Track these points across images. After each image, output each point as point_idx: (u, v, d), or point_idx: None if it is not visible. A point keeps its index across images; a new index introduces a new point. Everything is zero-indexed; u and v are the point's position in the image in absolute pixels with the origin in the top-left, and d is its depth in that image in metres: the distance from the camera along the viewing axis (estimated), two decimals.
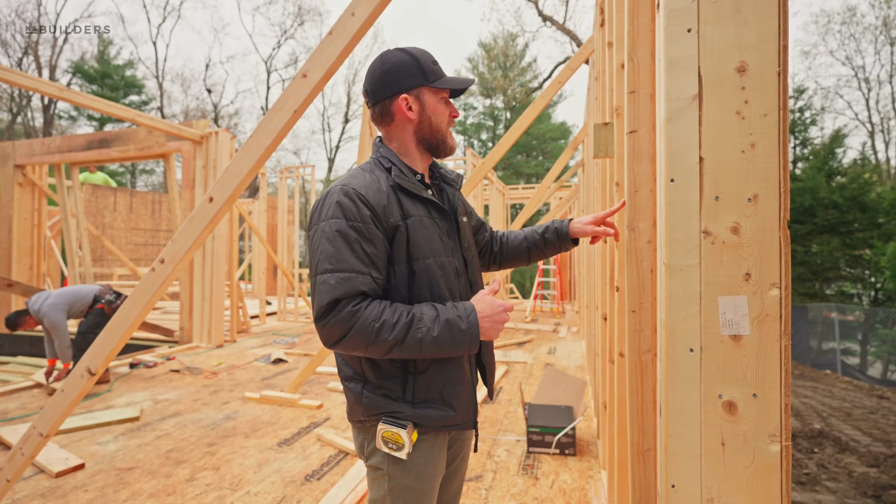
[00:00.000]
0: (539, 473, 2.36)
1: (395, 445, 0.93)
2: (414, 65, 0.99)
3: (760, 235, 0.74)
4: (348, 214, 0.90)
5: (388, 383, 0.95)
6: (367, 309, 0.87)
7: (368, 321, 0.85)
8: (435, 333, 0.87)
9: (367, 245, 0.90)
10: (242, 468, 2.43)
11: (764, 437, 0.74)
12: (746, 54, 0.75)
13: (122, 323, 1.51)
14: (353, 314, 0.86)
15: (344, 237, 0.89)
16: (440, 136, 1.03)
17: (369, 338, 0.86)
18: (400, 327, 0.86)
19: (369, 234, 0.90)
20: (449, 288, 0.97)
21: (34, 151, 6.51)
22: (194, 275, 5.60)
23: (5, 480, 1.74)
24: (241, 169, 1.35)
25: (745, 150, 0.75)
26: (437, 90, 1.01)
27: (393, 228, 0.93)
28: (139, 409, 3.27)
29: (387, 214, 0.92)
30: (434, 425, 0.96)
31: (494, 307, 0.92)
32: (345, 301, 0.87)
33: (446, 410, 0.96)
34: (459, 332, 0.88)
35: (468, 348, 0.90)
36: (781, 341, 0.73)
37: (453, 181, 1.11)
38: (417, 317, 0.88)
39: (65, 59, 22.40)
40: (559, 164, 4.82)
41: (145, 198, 11.68)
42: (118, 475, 2.36)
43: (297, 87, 1.29)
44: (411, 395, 0.95)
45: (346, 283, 0.87)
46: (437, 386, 0.96)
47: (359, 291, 0.88)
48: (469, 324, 0.89)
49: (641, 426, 1.11)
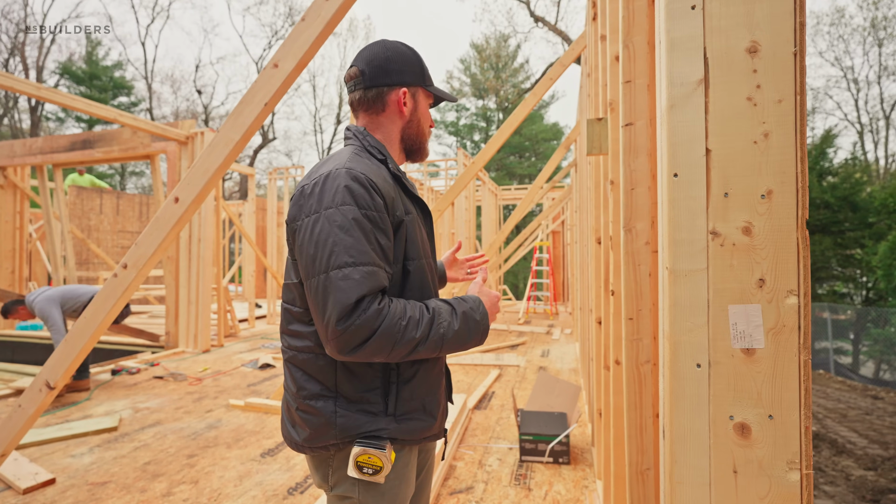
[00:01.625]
0: (532, 484, 2.27)
1: (373, 469, 0.83)
2: (416, 62, 0.97)
3: (775, 236, 0.66)
4: (361, 202, 0.80)
5: (368, 396, 0.85)
6: (392, 306, 0.79)
7: (395, 319, 0.78)
8: (456, 327, 0.84)
9: (382, 237, 0.82)
10: (222, 481, 2.32)
11: (781, 463, 0.65)
12: (758, 33, 0.67)
13: (83, 331, 1.40)
14: (380, 312, 0.77)
15: (361, 227, 0.79)
16: (421, 141, 1.00)
17: (396, 337, 0.78)
18: (425, 323, 0.81)
19: (383, 225, 0.83)
20: (434, 290, 0.96)
21: (15, 153, 6.33)
22: (180, 278, 5.46)
23: None
24: (208, 167, 1.25)
25: (758, 140, 0.67)
26: (428, 95, 1.00)
27: (398, 223, 0.87)
28: (118, 418, 3.14)
29: (394, 207, 0.86)
30: (416, 438, 0.88)
31: (492, 298, 0.94)
32: (369, 298, 0.77)
33: (428, 420, 0.90)
34: (475, 324, 0.87)
35: (481, 340, 0.89)
36: (801, 355, 0.65)
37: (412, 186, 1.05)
38: (437, 311, 0.84)
39: (52, 59, 22.08)
40: (551, 164, 4.75)
41: (132, 200, 11.46)
42: (90, 491, 2.23)
43: (268, 77, 1.19)
44: (394, 407, 0.86)
45: (371, 277, 0.78)
46: (420, 395, 0.89)
47: (381, 286, 0.79)
48: (482, 315, 0.88)
49: (640, 444, 1.02)
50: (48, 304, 3.66)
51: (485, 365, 4.81)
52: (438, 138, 24.58)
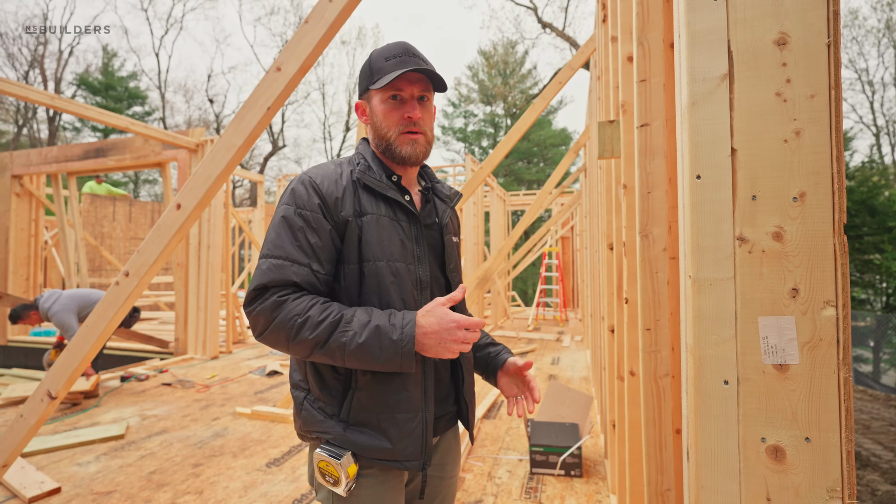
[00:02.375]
0: (543, 498, 2.20)
1: (332, 479, 0.83)
2: (366, 67, 0.92)
3: (810, 242, 0.61)
4: (299, 202, 0.85)
5: (327, 397, 0.87)
6: (294, 301, 0.80)
7: (292, 315, 0.78)
8: (361, 339, 0.77)
9: (312, 235, 0.83)
10: (227, 492, 2.28)
11: (821, 491, 0.59)
12: (787, 23, 0.62)
13: (85, 341, 1.38)
14: (279, 305, 0.79)
15: (288, 224, 0.84)
16: (385, 142, 0.92)
17: (290, 333, 0.78)
18: (324, 327, 0.78)
19: (315, 224, 0.84)
20: (402, 298, 0.86)
21: (31, 161, 6.45)
22: (189, 285, 5.49)
23: None
24: (210, 173, 1.23)
25: (789, 138, 0.62)
26: (384, 89, 0.90)
27: (343, 223, 0.85)
28: (125, 425, 3.13)
29: (338, 207, 0.85)
30: (366, 455, 0.85)
31: (444, 322, 0.79)
32: (273, 289, 0.81)
33: (379, 439, 0.84)
34: (389, 343, 0.77)
35: (400, 364, 0.78)
36: (840, 372, 0.59)
37: (447, 197, 1.01)
38: (347, 318, 0.79)
39: (70, 71, 22.62)
40: (560, 169, 4.70)
41: (144, 207, 11.62)
42: (95, 500, 2.21)
43: (271, 81, 1.17)
44: (346, 413, 0.85)
45: (276, 269, 0.81)
46: (375, 409, 0.85)
47: (289, 281, 0.81)
48: (403, 335, 0.78)
49: (660, 462, 0.96)
50: (66, 314, 3.67)
51: None
52: (446, 144, 24.65)
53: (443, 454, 0.99)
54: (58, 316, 3.65)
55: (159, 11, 32.18)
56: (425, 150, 0.93)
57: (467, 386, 0.96)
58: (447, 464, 1.00)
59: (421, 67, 0.87)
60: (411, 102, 0.90)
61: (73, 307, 3.74)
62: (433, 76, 0.89)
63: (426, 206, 0.97)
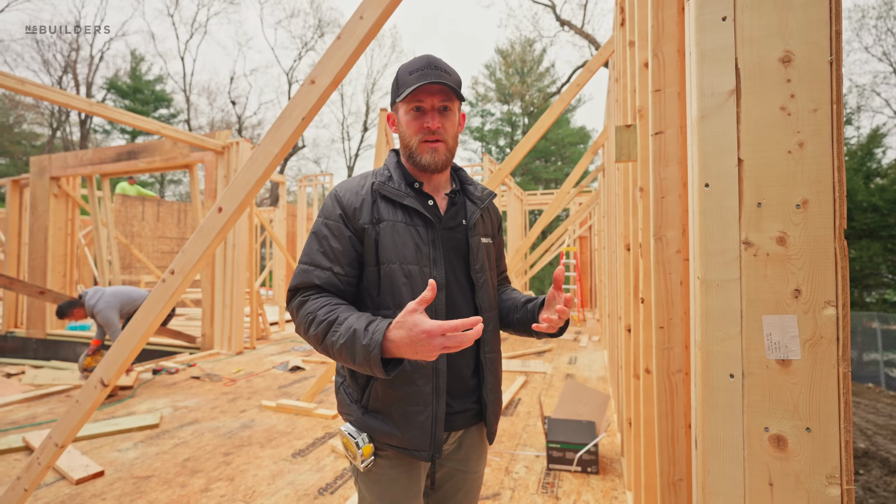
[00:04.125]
0: (560, 492, 2.25)
1: (351, 454, 0.95)
2: (394, 81, 0.99)
3: (812, 246, 0.65)
4: (326, 213, 0.97)
5: (354, 384, 0.98)
6: (312, 301, 0.91)
7: (307, 313, 0.90)
8: (342, 341, 0.83)
9: (334, 241, 0.94)
10: (256, 479, 2.40)
11: (820, 477, 0.64)
12: (792, 42, 0.67)
13: (134, 333, 1.49)
14: (302, 304, 0.92)
15: (317, 234, 0.97)
16: (408, 151, 0.98)
17: (305, 328, 0.90)
18: (323, 326, 0.87)
19: (337, 232, 0.95)
20: (414, 297, 0.90)
21: (68, 164, 6.77)
22: (216, 282, 5.69)
23: (23, 489, 1.74)
24: (249, 178, 1.32)
25: (792, 150, 0.66)
26: (408, 101, 0.95)
27: (361, 230, 0.95)
28: (159, 415, 3.30)
29: (356, 216, 0.95)
30: (381, 442, 0.94)
31: (413, 334, 0.75)
32: (301, 291, 0.95)
33: (391, 428, 0.93)
34: (361, 348, 0.80)
35: (370, 368, 0.80)
36: (839, 368, 0.64)
37: (478, 198, 1.05)
38: (339, 321, 0.86)
39: (100, 76, 23.50)
40: (579, 168, 4.71)
41: (171, 207, 12.04)
42: (135, 484, 2.36)
43: (305, 94, 1.25)
44: (366, 400, 0.96)
45: (304, 274, 0.94)
46: (388, 399, 0.93)
47: (313, 283, 0.93)
48: (371, 342, 0.79)
49: (672, 454, 1.01)
50: (110, 311, 3.92)
51: (510, 371, 4.78)
52: (463, 143, 24.70)
53: (467, 449, 1.03)
54: (102, 313, 3.87)
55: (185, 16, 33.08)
56: (446, 157, 0.97)
57: (489, 385, 1.00)
58: (471, 459, 1.04)
59: (441, 80, 0.91)
60: (431, 113, 0.95)
61: (116, 304, 3.97)
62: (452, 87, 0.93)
63: (451, 209, 1.01)
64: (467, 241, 1.00)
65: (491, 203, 1.09)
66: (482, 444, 1.07)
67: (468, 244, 1.00)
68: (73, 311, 3.96)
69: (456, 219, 1.01)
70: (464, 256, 1.00)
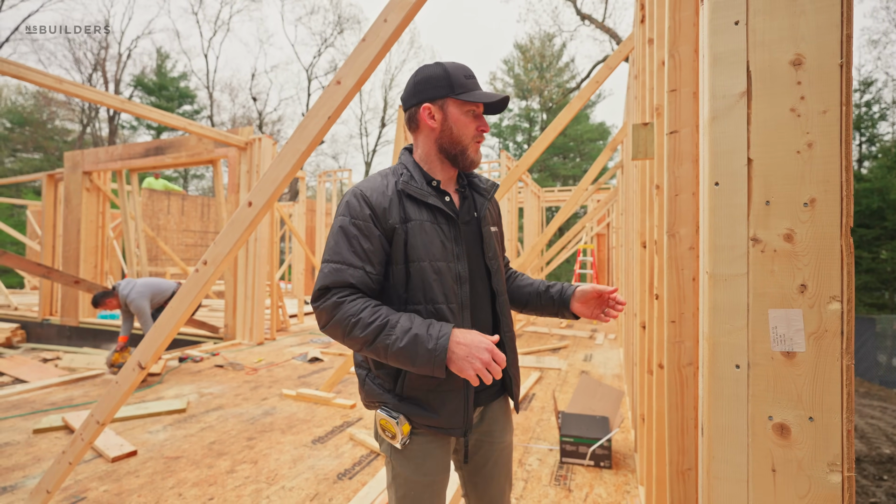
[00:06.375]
0: (572, 485, 2.29)
1: (390, 434, 1.00)
2: (443, 77, 1.02)
3: (818, 243, 0.68)
4: (353, 213, 0.98)
5: (384, 375, 1.02)
6: (352, 303, 0.93)
7: (347, 315, 0.92)
8: (401, 344, 0.88)
9: (364, 241, 0.97)
10: (278, 463, 2.51)
11: (822, 465, 0.67)
12: (803, 46, 0.69)
13: (169, 320, 1.59)
14: (338, 305, 0.93)
15: (345, 233, 0.97)
16: (459, 147, 1.04)
17: (345, 330, 0.92)
18: (372, 329, 0.90)
19: (367, 232, 0.97)
20: (444, 292, 0.98)
21: (99, 159, 7.05)
22: (238, 275, 5.87)
23: (67, 463, 1.87)
24: (277, 175, 1.39)
25: (801, 150, 0.69)
26: (465, 103, 1.02)
27: (391, 230, 0.98)
28: (186, 401, 3.45)
29: (386, 216, 0.98)
30: (418, 423, 1.00)
31: (474, 342, 0.87)
32: (334, 290, 0.95)
33: (427, 411, 0.99)
34: (425, 351, 0.88)
35: (433, 370, 0.88)
36: (843, 360, 0.67)
37: (485, 190, 1.12)
38: (392, 324, 0.90)
39: (128, 73, 24.22)
40: (597, 165, 4.68)
41: (195, 201, 12.38)
42: (166, 463, 2.49)
43: (332, 93, 1.31)
44: (400, 389, 1.00)
45: (336, 273, 0.95)
46: (423, 387, 0.99)
47: (347, 283, 0.95)
48: (437, 346, 0.87)
49: (681, 444, 1.04)
50: (142, 300, 4.15)
51: (525, 367, 4.81)
52: None
53: (489, 422, 1.11)
54: (135, 302, 4.10)
55: (208, 14, 33.79)
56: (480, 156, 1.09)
57: (510, 361, 1.08)
58: (495, 431, 1.11)
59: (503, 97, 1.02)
60: (482, 118, 1.05)
61: (148, 294, 4.20)
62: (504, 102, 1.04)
63: (464, 203, 1.08)
64: (481, 232, 1.08)
65: None
66: (505, 416, 1.14)
67: (481, 235, 1.08)
68: (107, 300, 4.18)
69: (470, 213, 1.08)
70: (479, 246, 1.07)
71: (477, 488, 1.12)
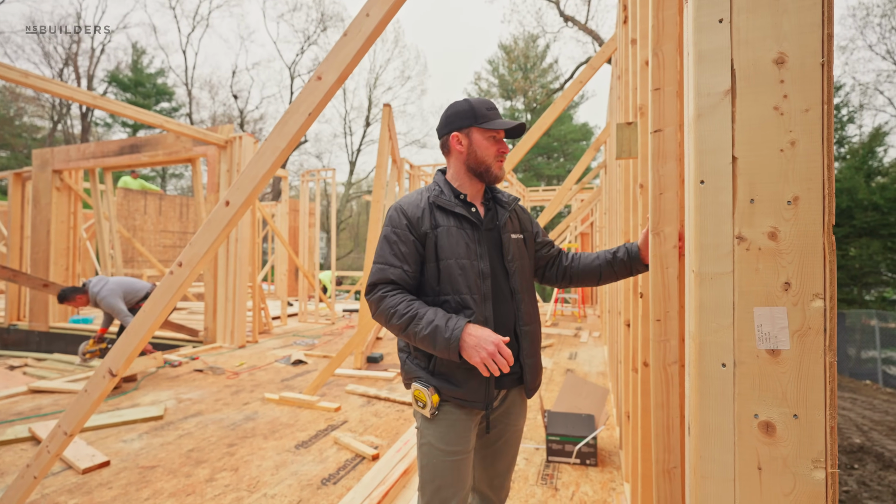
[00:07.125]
0: (559, 484, 2.29)
1: (421, 403, 1.19)
2: (468, 110, 1.25)
3: (802, 241, 0.68)
4: (393, 224, 1.23)
5: (421, 357, 1.23)
6: (392, 297, 1.16)
7: (388, 307, 1.15)
8: (425, 332, 1.10)
9: (402, 246, 1.20)
10: (260, 470, 2.45)
11: (806, 462, 0.67)
12: (786, 45, 0.69)
13: (142, 324, 1.52)
14: (382, 298, 1.17)
15: (387, 240, 1.22)
16: (484, 166, 1.25)
17: (387, 318, 1.15)
18: (405, 319, 1.12)
19: (404, 238, 1.20)
20: (468, 285, 1.18)
21: (71, 157, 6.80)
22: (218, 276, 5.73)
23: (32, 477, 1.78)
24: (256, 172, 1.35)
25: (784, 148, 0.69)
26: (486, 130, 1.24)
27: (423, 235, 1.21)
28: (163, 407, 3.35)
29: (419, 224, 1.21)
30: (446, 395, 1.18)
31: (483, 336, 1.08)
32: (379, 286, 1.19)
33: (455, 385, 1.18)
34: (442, 339, 1.09)
35: (448, 354, 1.09)
36: (826, 357, 0.67)
37: (506, 203, 1.33)
38: (420, 315, 1.12)
39: (101, 68, 23.45)
40: (581, 165, 4.72)
41: (173, 201, 12.06)
42: (141, 473, 2.40)
43: (312, 89, 1.28)
44: (433, 367, 1.20)
45: (381, 272, 1.19)
46: (451, 366, 1.18)
47: (389, 279, 1.18)
48: (452, 335, 1.09)
49: (667, 442, 1.04)
50: (114, 298, 4.01)
51: None
52: None
53: (508, 406, 1.28)
54: (107, 300, 3.96)
55: (187, 9, 32.99)
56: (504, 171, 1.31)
57: (525, 351, 1.24)
58: (512, 414, 1.30)
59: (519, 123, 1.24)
60: (502, 142, 1.28)
61: (119, 292, 4.06)
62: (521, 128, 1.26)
63: (488, 214, 1.29)
64: (500, 238, 1.27)
65: (518, 206, 1.38)
66: (521, 404, 1.33)
67: (501, 240, 1.26)
68: (76, 297, 4.02)
69: (493, 221, 1.28)
70: (499, 250, 1.26)
71: (485, 461, 1.31)
